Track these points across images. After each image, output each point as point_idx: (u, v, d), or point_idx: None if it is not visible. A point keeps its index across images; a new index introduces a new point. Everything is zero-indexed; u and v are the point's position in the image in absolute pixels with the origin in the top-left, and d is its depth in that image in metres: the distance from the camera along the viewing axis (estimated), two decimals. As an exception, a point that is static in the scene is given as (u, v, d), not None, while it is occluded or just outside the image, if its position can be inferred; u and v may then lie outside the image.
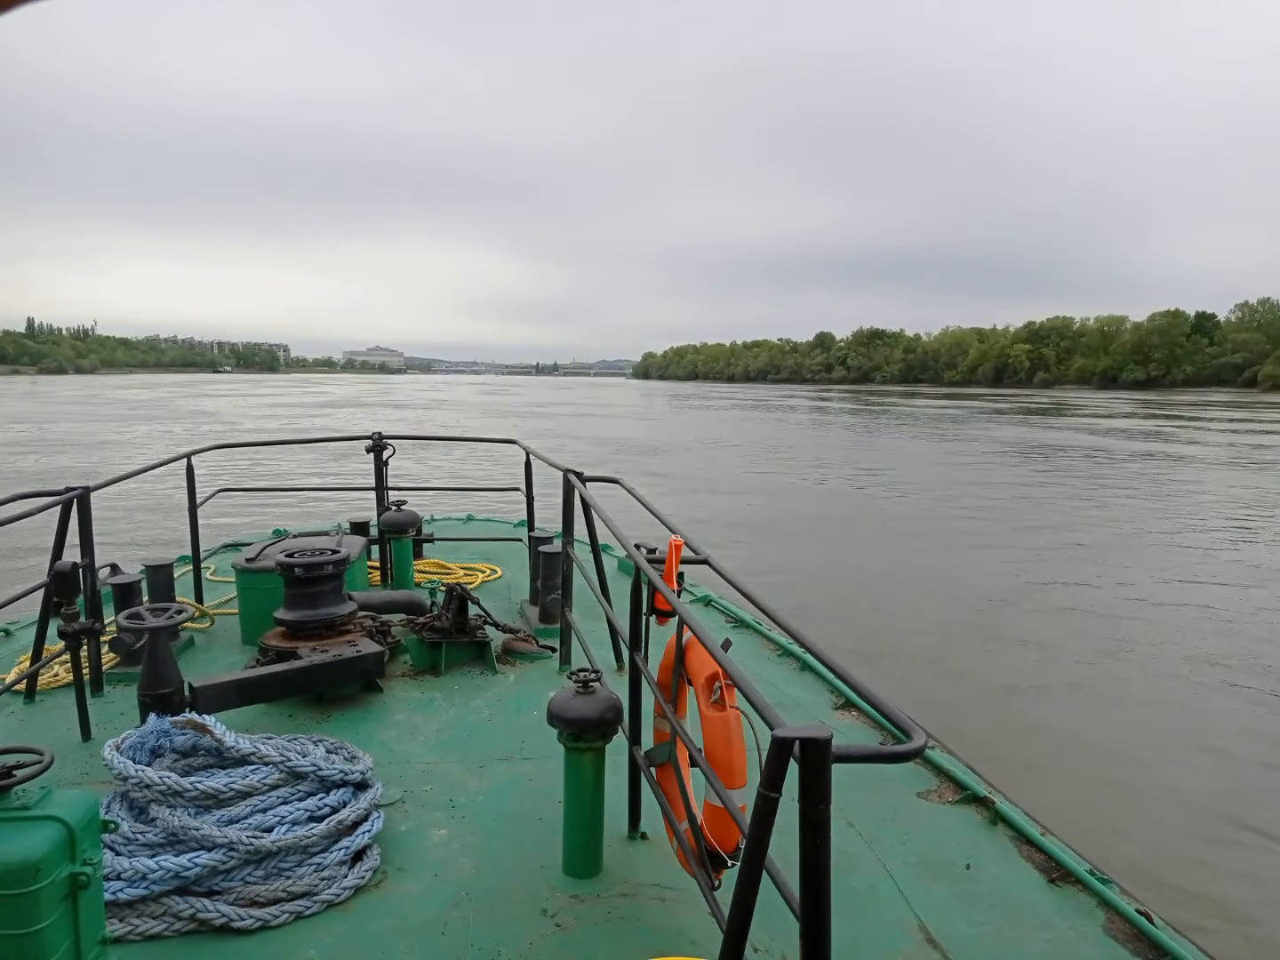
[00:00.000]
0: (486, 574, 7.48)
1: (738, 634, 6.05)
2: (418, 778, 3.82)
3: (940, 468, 30.68)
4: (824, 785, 1.54)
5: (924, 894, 3.09)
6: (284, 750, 3.22)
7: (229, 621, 5.94)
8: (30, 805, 2.06)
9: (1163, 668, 9.87)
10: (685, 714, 2.94)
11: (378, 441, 7.42)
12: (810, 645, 2.16)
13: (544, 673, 5.16)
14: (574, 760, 3.03)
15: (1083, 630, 11.25)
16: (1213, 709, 8.70)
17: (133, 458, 29.47)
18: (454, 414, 63.95)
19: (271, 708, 4.51)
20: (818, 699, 4.91)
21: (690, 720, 2.78)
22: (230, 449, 8.42)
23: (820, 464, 32.43)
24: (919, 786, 3.90)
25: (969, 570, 14.84)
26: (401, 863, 3.16)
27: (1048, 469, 30.66)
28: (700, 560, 3.14)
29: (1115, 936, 2.88)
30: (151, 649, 3.84)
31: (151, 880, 2.76)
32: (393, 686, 4.88)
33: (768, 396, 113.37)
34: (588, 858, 3.08)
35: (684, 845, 2.66)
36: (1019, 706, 8.74)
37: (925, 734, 1.67)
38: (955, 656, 10.22)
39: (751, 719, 2.00)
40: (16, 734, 4.23)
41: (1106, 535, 18.14)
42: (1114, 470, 29.97)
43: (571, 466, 5.16)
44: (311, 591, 4.97)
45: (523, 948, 2.69)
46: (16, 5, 0.79)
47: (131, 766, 2.97)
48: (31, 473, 25.60)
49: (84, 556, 4.37)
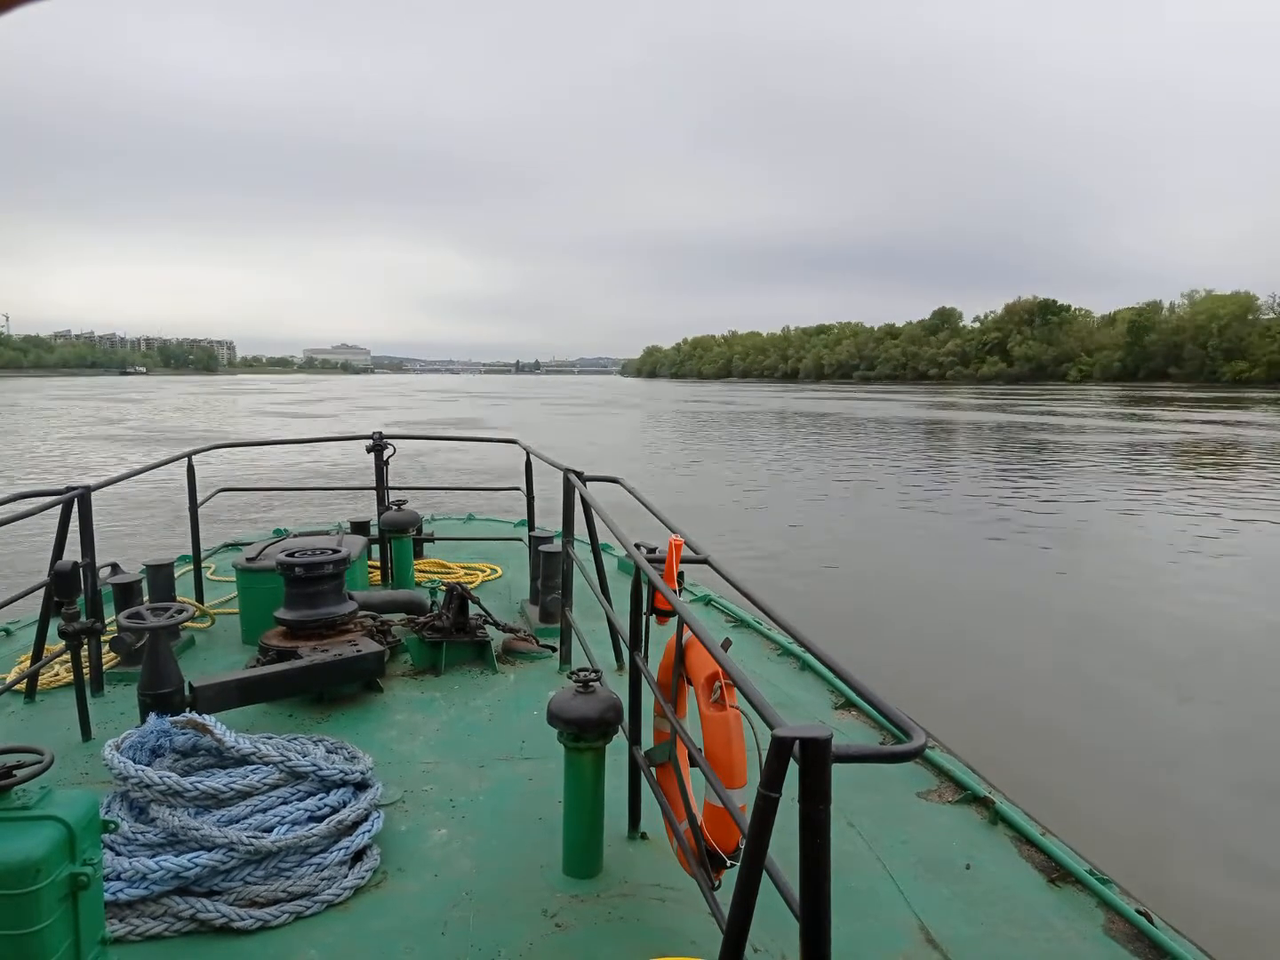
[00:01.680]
0: (487, 573, 7.48)
1: (738, 633, 6.05)
2: (418, 777, 3.82)
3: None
4: (824, 785, 1.54)
5: (924, 894, 3.09)
6: (284, 750, 3.22)
7: (229, 621, 5.95)
8: (30, 805, 2.06)
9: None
10: (685, 714, 2.94)
11: (378, 441, 7.43)
12: (810, 645, 2.16)
13: (544, 672, 5.16)
14: (574, 760, 3.03)
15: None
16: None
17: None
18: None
19: (271, 707, 4.51)
20: (818, 699, 4.91)
21: (690, 720, 2.78)
22: (230, 448, 8.43)
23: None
24: (919, 786, 3.90)
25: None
26: (401, 863, 3.16)
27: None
28: (700, 560, 3.14)
29: (1115, 936, 2.88)
30: (152, 648, 3.84)
31: (151, 880, 2.76)
32: (393, 686, 4.88)
33: (911, 410, 65.74)
34: (588, 858, 3.08)
35: (684, 845, 2.66)
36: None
37: (925, 734, 1.67)
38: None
39: (751, 719, 2.00)
40: (17, 734, 4.23)
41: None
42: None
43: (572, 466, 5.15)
44: (312, 591, 4.97)
45: (523, 948, 2.69)
46: (16, 5, 0.80)
47: (132, 766, 2.97)
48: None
49: (84, 556, 4.37)
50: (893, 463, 30.89)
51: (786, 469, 29.18)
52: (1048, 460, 31.48)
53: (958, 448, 38.17)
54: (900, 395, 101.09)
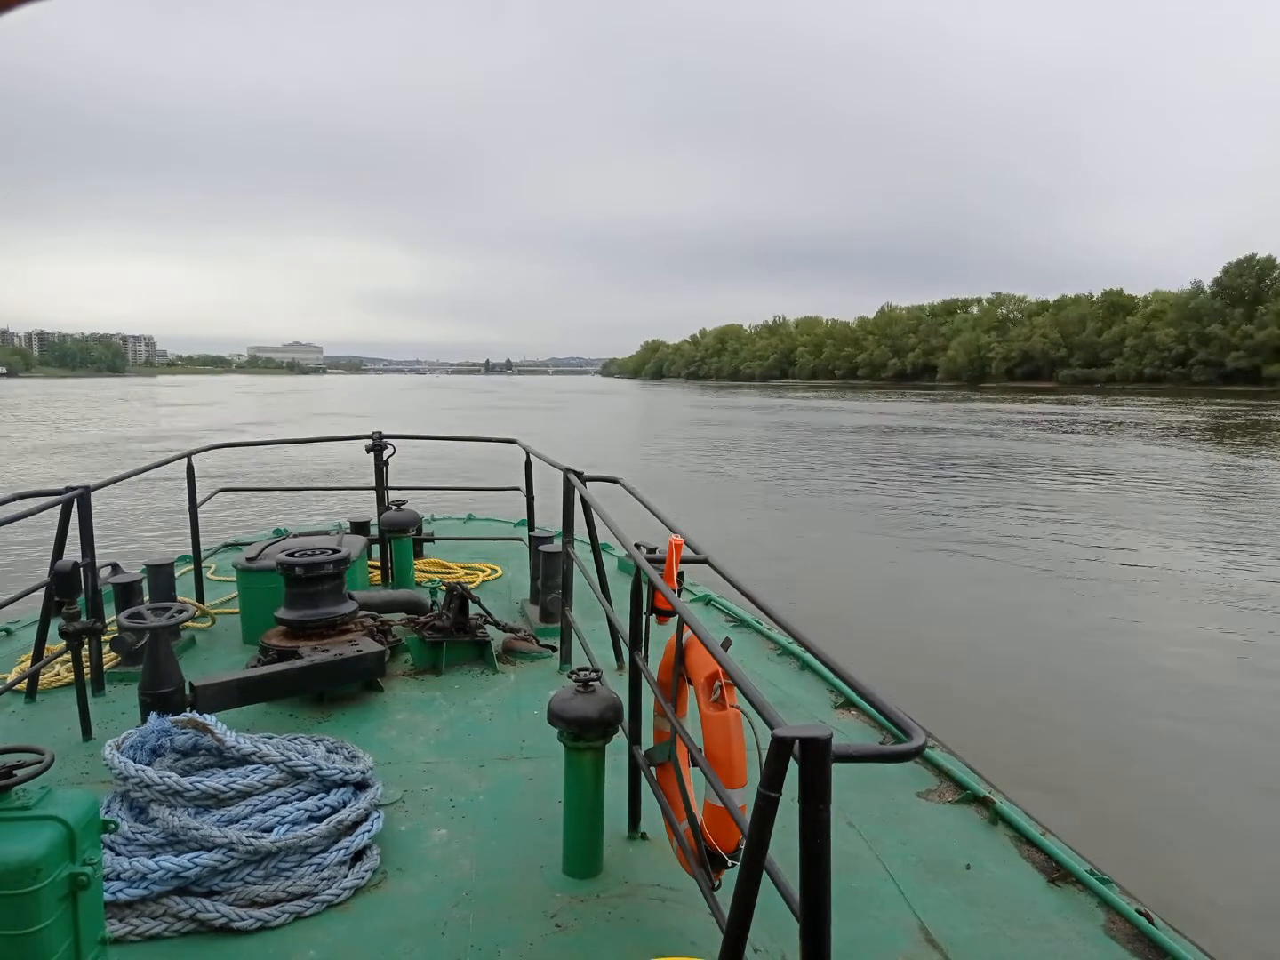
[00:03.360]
0: (487, 573, 7.48)
1: (738, 633, 6.05)
2: (418, 777, 3.82)
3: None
4: (824, 785, 1.54)
5: (924, 894, 3.09)
6: (284, 750, 3.22)
7: (230, 621, 5.95)
8: (30, 805, 2.06)
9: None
10: (685, 713, 2.95)
11: (378, 441, 7.43)
12: (810, 644, 2.15)
13: (544, 672, 5.16)
14: (574, 760, 3.03)
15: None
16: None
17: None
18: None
19: (272, 707, 4.52)
20: (818, 698, 4.91)
21: (690, 720, 2.78)
22: (231, 448, 8.43)
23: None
24: (919, 786, 3.90)
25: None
26: (401, 863, 3.16)
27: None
28: (700, 560, 3.14)
29: (1115, 936, 2.88)
30: (152, 648, 3.85)
31: (151, 880, 2.76)
32: (393, 686, 4.88)
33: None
34: (588, 858, 3.08)
35: (684, 845, 2.66)
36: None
37: (925, 733, 1.67)
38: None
39: (751, 718, 2.00)
40: (17, 733, 4.23)
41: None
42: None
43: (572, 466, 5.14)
44: (312, 591, 4.98)
45: (523, 948, 2.69)
46: (17, 5, 0.80)
47: (132, 766, 2.97)
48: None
49: (85, 556, 4.37)
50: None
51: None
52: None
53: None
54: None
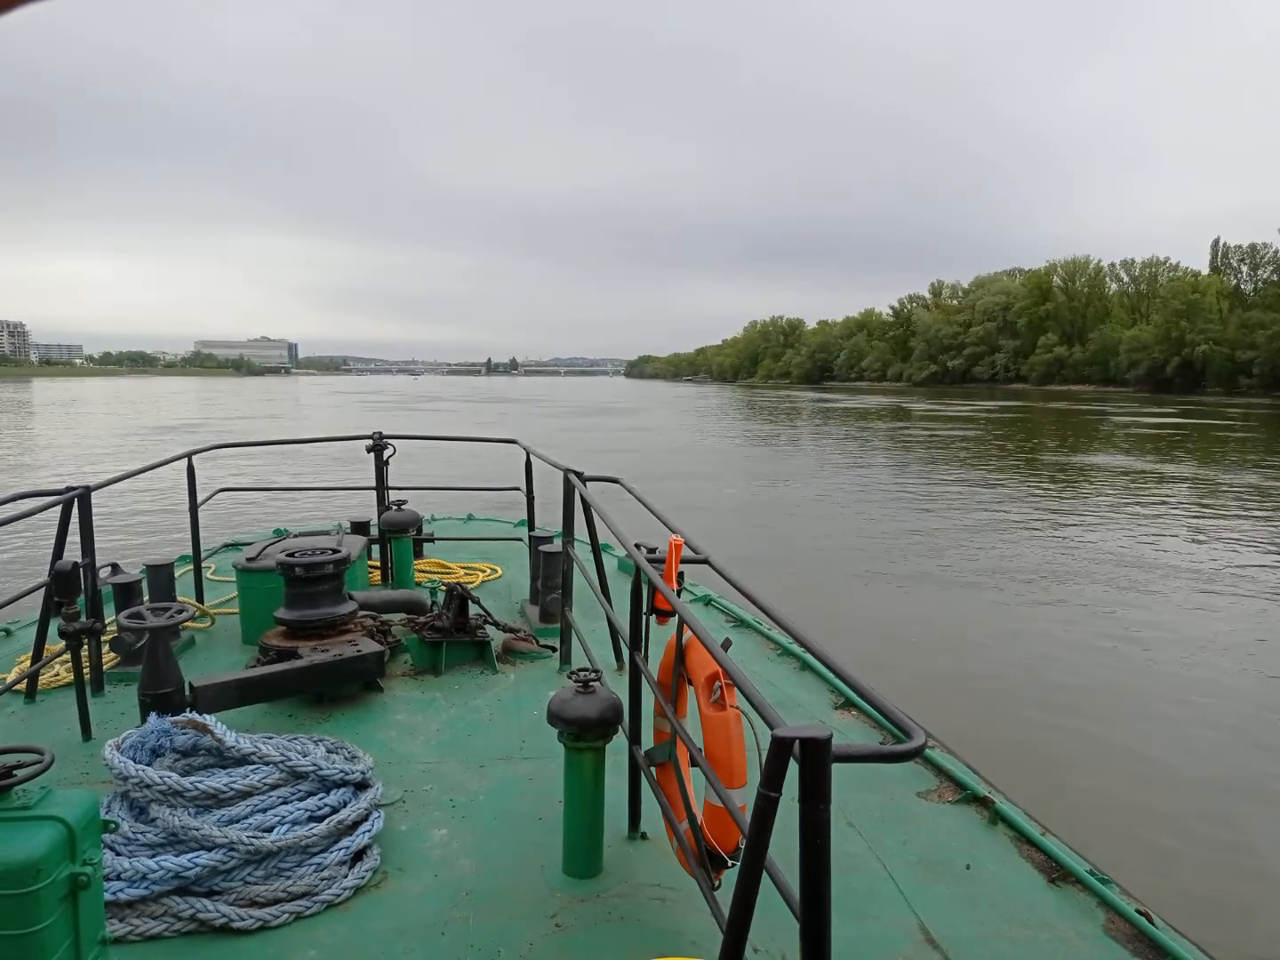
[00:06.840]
0: (487, 573, 7.48)
1: (738, 633, 6.05)
2: (418, 777, 3.82)
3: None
4: (824, 785, 1.54)
5: (924, 894, 3.09)
6: (284, 750, 3.22)
7: (230, 621, 5.95)
8: (30, 805, 2.06)
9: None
10: (685, 714, 2.95)
11: (378, 441, 7.43)
12: (810, 645, 2.15)
13: (544, 672, 5.16)
14: (574, 760, 3.03)
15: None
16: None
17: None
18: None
19: (272, 707, 4.51)
20: (818, 698, 4.91)
21: (690, 720, 2.78)
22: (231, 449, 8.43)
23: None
24: (919, 786, 3.90)
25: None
26: (401, 863, 3.16)
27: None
28: (700, 560, 3.14)
29: (1115, 936, 2.88)
30: (152, 648, 3.85)
31: (151, 880, 2.76)
32: (393, 686, 4.88)
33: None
34: (588, 858, 3.08)
35: (684, 845, 2.66)
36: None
37: (925, 733, 1.67)
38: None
39: (751, 719, 2.00)
40: (17, 733, 4.23)
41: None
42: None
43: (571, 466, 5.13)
44: (312, 591, 4.97)
45: (523, 948, 2.69)
46: (17, 5, 0.80)
47: (132, 766, 2.97)
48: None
49: (84, 556, 4.37)
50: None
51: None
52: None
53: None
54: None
